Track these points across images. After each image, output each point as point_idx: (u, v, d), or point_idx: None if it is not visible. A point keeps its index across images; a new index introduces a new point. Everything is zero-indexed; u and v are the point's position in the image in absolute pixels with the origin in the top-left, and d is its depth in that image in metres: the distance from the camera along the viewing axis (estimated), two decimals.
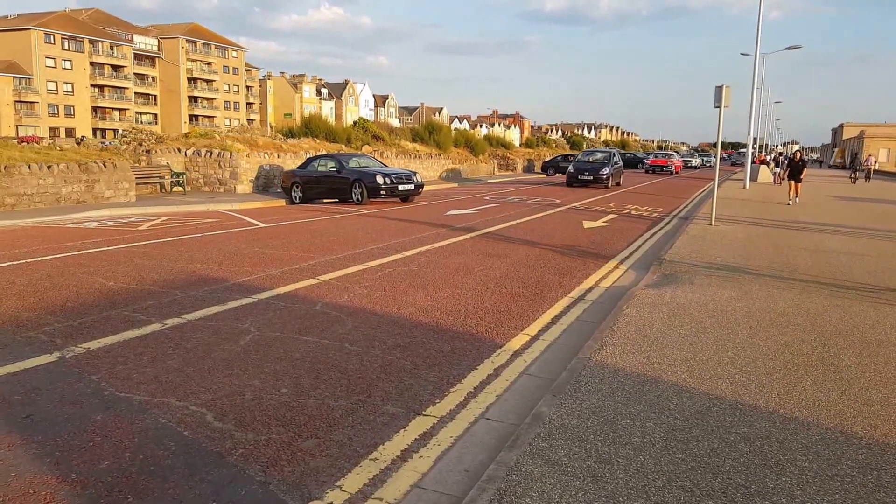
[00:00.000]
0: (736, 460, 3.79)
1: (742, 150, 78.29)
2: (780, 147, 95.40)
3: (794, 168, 23.30)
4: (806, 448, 3.97)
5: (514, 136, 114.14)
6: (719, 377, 5.12)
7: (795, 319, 6.89)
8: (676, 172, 49.58)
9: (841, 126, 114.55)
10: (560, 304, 7.86)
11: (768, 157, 52.51)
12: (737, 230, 14.49)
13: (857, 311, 7.32)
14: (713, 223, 15.36)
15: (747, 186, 31.96)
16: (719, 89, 15.11)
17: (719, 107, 15.29)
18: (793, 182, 23.10)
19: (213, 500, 3.47)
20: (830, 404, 4.64)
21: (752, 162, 37.83)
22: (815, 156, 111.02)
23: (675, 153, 63.93)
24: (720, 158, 17.48)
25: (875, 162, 47.13)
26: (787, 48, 39.69)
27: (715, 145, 19.67)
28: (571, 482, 3.51)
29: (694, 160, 70.68)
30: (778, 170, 38.50)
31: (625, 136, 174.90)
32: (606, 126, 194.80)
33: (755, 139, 48.77)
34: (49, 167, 17.76)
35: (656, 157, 55.01)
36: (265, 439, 4.13)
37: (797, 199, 22.84)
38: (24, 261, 9.56)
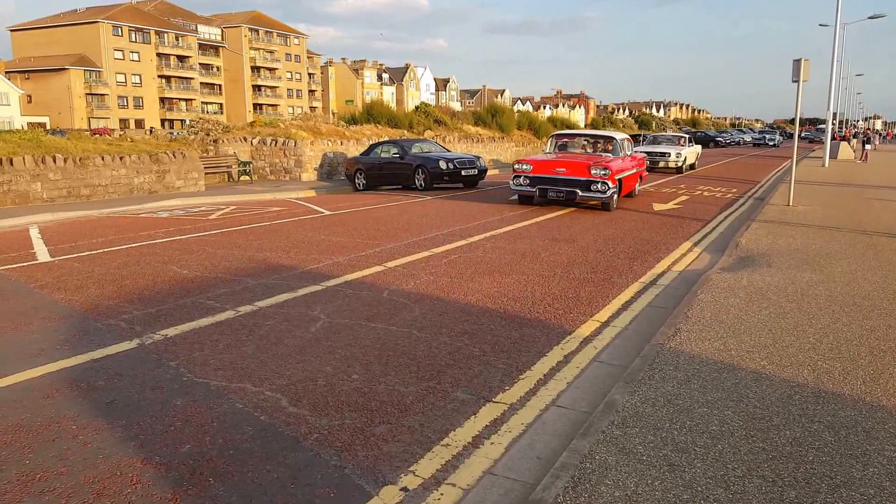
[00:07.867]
0: (819, 450, 3.65)
1: (821, 125, 73.42)
2: (861, 122, 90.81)
3: None
4: (895, 437, 3.79)
5: (579, 116, 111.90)
6: (801, 364, 4.93)
7: (881, 303, 6.58)
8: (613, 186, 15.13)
9: None
10: (630, 289, 7.71)
11: (851, 133, 50.13)
12: (816, 210, 13.93)
13: None
14: (791, 203, 14.80)
15: (826, 165, 30.65)
16: (797, 63, 14.46)
17: (797, 81, 14.65)
18: None
19: (290, 484, 3.54)
20: None
21: (833, 138, 36.14)
22: None
23: (613, 137, 16.41)
24: (798, 136, 16.67)
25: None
26: (869, 17, 37.83)
27: (792, 121, 18.87)
28: (647, 471, 3.44)
29: (673, 153, 27.02)
30: (868, 147, 36.67)
31: (696, 113, 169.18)
32: (676, 104, 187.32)
33: (835, 114, 46.48)
34: (121, 158, 18.37)
35: (562, 148, 17.10)
36: (339, 424, 4.20)
37: None
38: (101, 250, 9.95)
